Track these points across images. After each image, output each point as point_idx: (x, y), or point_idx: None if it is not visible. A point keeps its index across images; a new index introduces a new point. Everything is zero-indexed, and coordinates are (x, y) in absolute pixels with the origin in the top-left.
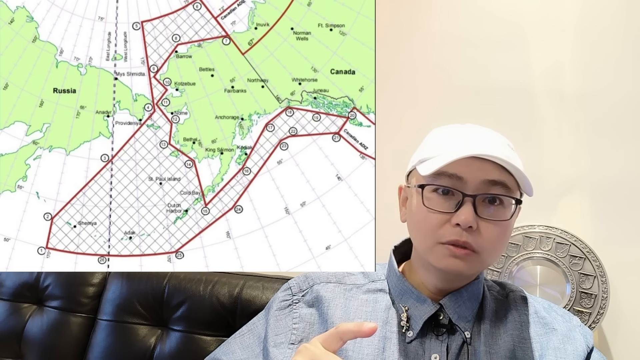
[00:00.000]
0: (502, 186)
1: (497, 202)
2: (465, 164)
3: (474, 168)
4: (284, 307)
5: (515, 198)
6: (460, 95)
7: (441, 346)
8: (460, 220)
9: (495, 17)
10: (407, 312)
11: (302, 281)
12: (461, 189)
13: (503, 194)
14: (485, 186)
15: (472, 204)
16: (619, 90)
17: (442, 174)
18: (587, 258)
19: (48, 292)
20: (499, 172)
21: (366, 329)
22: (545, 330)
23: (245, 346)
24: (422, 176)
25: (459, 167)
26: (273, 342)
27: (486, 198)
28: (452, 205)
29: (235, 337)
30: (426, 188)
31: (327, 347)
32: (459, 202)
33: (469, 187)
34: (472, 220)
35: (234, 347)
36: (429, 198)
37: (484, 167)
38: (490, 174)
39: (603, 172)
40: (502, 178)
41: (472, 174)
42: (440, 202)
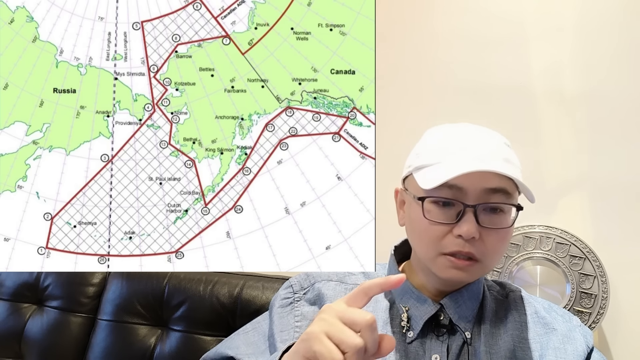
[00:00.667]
0: (502, 193)
1: (498, 210)
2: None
3: (474, 178)
4: (286, 304)
5: (516, 205)
6: (460, 95)
7: (442, 346)
8: (462, 232)
9: (495, 17)
10: (407, 312)
11: (304, 279)
12: (462, 199)
13: (504, 202)
14: (486, 195)
15: (474, 214)
16: (619, 90)
17: (442, 185)
18: (587, 258)
19: (48, 292)
20: (498, 179)
21: (394, 280)
22: (546, 330)
23: (250, 343)
24: (420, 187)
25: (458, 177)
26: (280, 339)
27: (487, 207)
28: (453, 216)
29: (239, 333)
30: (426, 200)
31: (352, 305)
32: (460, 212)
33: (470, 197)
34: (474, 231)
35: (238, 343)
36: (429, 210)
37: (484, 175)
38: (490, 182)
39: (603, 172)
40: (501, 185)
41: (472, 184)
42: (441, 214)
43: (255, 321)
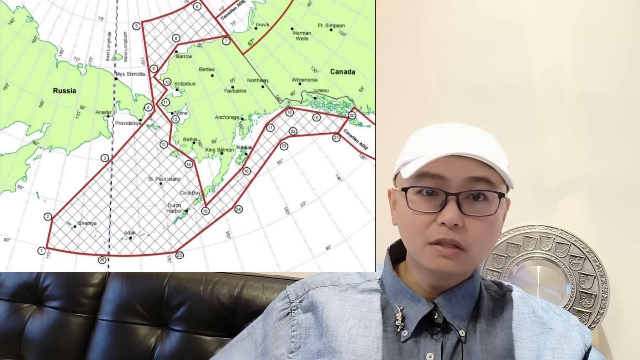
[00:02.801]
0: (485, 182)
1: (481, 198)
2: (447, 163)
3: (456, 167)
4: (283, 316)
5: (499, 192)
6: (460, 95)
7: (436, 345)
8: (445, 219)
9: (495, 17)
10: (402, 311)
11: (299, 288)
12: (444, 188)
13: (486, 190)
14: (468, 183)
15: (456, 202)
16: (619, 90)
17: (424, 174)
18: (587, 258)
19: (48, 292)
20: (481, 169)
21: None
22: (543, 330)
23: (244, 351)
24: (405, 179)
25: (440, 166)
26: (273, 356)
27: (470, 195)
28: (436, 205)
29: (237, 340)
30: (409, 190)
31: None
32: (442, 201)
33: (452, 185)
34: (456, 218)
35: (234, 352)
36: (413, 200)
37: (466, 164)
38: (473, 171)
39: (603, 172)
40: (484, 174)
41: (454, 172)
42: (424, 203)
43: (251, 326)
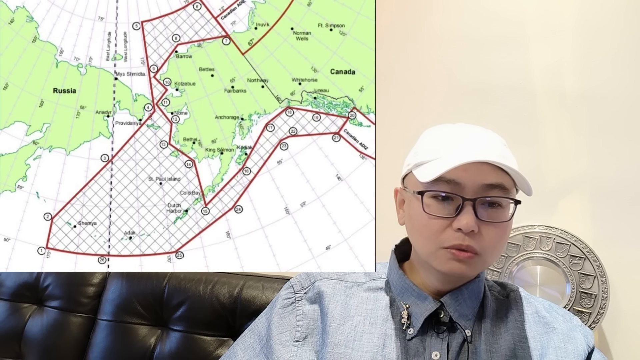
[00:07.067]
0: (500, 188)
1: (497, 205)
2: (463, 169)
3: (472, 173)
4: (287, 304)
5: (514, 199)
6: (460, 95)
7: (442, 344)
8: (462, 225)
9: (495, 16)
10: (407, 309)
11: (304, 279)
12: (460, 193)
13: (502, 196)
14: (484, 190)
15: (473, 208)
16: (619, 90)
17: (440, 179)
18: (587, 258)
19: (48, 292)
20: (495, 175)
21: None
22: (546, 329)
23: (247, 346)
24: (420, 182)
25: (456, 172)
26: (279, 340)
27: (485, 201)
28: (452, 210)
29: (240, 339)
30: (425, 194)
31: None
32: (458, 206)
33: (468, 191)
34: (473, 224)
35: (237, 350)
36: (429, 204)
37: (481, 170)
38: (488, 177)
39: (603, 172)
40: (499, 180)
41: (470, 178)
42: (440, 208)
43: (253, 323)
